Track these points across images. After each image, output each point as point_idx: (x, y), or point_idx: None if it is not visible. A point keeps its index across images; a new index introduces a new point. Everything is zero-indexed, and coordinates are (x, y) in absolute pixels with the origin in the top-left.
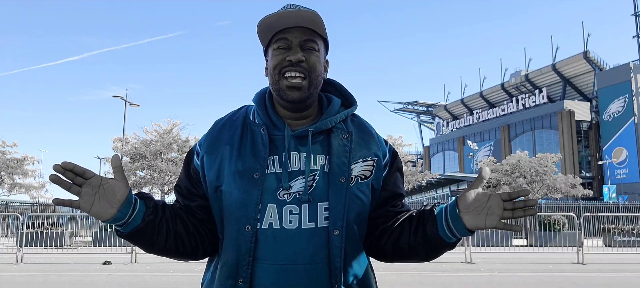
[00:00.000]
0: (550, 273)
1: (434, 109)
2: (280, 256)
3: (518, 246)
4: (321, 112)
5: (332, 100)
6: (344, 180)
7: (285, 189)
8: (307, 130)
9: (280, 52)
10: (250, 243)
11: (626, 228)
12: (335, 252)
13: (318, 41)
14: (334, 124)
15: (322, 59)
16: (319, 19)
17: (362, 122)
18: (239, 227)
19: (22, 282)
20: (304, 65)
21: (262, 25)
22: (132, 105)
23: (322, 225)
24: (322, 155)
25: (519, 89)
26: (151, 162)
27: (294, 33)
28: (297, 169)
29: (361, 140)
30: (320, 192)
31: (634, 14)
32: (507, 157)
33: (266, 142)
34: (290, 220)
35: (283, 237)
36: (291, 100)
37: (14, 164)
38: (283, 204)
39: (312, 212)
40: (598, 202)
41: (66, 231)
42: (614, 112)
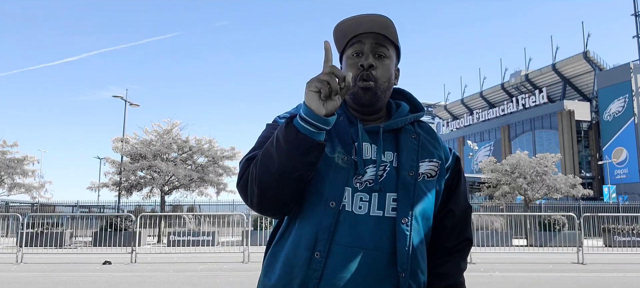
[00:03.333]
0: (550, 273)
1: (434, 108)
2: (350, 239)
3: (518, 246)
4: (390, 115)
5: (400, 105)
6: (412, 174)
7: (358, 176)
8: (378, 126)
9: (354, 60)
10: (333, 219)
11: (626, 228)
12: (402, 241)
13: (390, 47)
14: (403, 124)
15: (392, 65)
16: (391, 25)
17: (428, 127)
18: (324, 202)
19: (22, 282)
20: (374, 72)
21: (338, 30)
22: (132, 105)
23: (390, 215)
24: (391, 152)
25: (519, 89)
26: (151, 162)
27: (367, 39)
28: (369, 158)
29: (428, 142)
30: (390, 183)
31: (634, 14)
32: (507, 157)
33: (348, 133)
34: (360, 206)
35: (353, 220)
36: (362, 102)
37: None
38: (355, 191)
39: (381, 201)
40: (598, 202)
41: (66, 231)
42: (614, 112)
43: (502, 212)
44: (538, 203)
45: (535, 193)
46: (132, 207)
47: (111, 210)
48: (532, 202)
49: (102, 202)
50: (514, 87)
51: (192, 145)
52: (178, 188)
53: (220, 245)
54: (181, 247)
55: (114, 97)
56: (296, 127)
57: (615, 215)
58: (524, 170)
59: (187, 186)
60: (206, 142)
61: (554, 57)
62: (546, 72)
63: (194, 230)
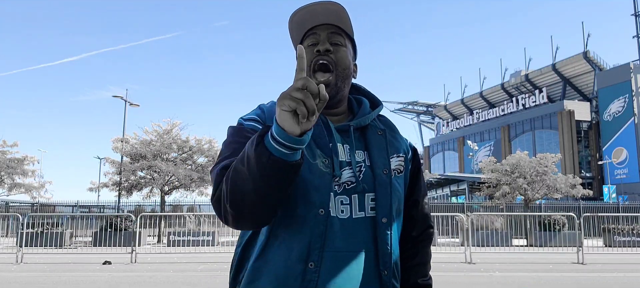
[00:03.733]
0: (550, 273)
1: (434, 109)
2: (338, 243)
3: (518, 246)
4: (352, 111)
5: (362, 101)
6: (387, 172)
7: (336, 179)
8: (348, 124)
9: (310, 49)
10: (323, 227)
11: (626, 228)
12: (384, 239)
13: (345, 38)
14: (370, 121)
15: (349, 55)
16: (346, 16)
17: (388, 121)
18: (314, 210)
19: (22, 282)
20: (331, 56)
21: (293, 22)
22: (132, 105)
23: (370, 215)
24: (361, 150)
25: (519, 89)
26: (151, 162)
27: (322, 29)
28: (344, 160)
29: (392, 137)
30: (367, 182)
31: (634, 14)
32: (507, 157)
33: (322, 135)
34: (342, 210)
35: (338, 225)
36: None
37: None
38: (335, 194)
39: (361, 202)
40: (598, 202)
41: (66, 231)
42: (614, 112)
43: (502, 212)
44: (538, 203)
45: (535, 193)
46: (132, 207)
47: (111, 210)
48: (532, 202)
49: (102, 202)
50: (514, 87)
51: (192, 145)
52: (178, 188)
53: (220, 245)
54: (181, 247)
55: (114, 97)
56: (268, 149)
57: (615, 215)
58: (524, 170)
59: (187, 186)
60: (206, 142)
61: (554, 57)
62: (546, 72)
63: (194, 230)
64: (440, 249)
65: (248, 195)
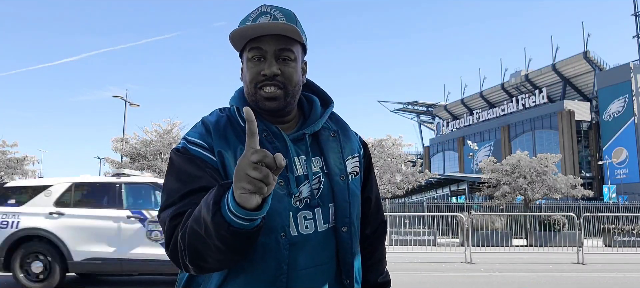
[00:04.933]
0: (550, 273)
1: (434, 109)
2: (305, 261)
3: (518, 246)
4: (302, 113)
5: (313, 101)
6: (343, 178)
7: (295, 196)
8: (303, 133)
9: (255, 64)
10: (285, 251)
11: (626, 228)
12: (346, 249)
13: (294, 48)
14: (322, 125)
15: (299, 65)
16: (294, 25)
17: (340, 119)
18: (275, 235)
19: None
20: (279, 78)
21: (234, 34)
22: (132, 105)
23: (333, 225)
24: (318, 157)
25: (519, 89)
26: (151, 162)
27: (268, 41)
28: (301, 175)
29: (345, 137)
30: (327, 193)
31: (634, 14)
32: (507, 157)
33: (276, 149)
34: (306, 225)
35: (304, 242)
36: (268, 110)
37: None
38: (296, 211)
39: (326, 213)
40: (598, 202)
41: None
42: (614, 112)
43: (502, 212)
44: (538, 204)
45: (535, 193)
46: None
47: None
48: (532, 202)
49: None
50: (514, 87)
51: None
52: None
53: None
54: None
55: (114, 97)
56: (227, 221)
57: (615, 215)
58: (524, 171)
59: None
60: None
61: (554, 57)
62: (546, 72)
63: None
64: (440, 249)
65: (210, 258)
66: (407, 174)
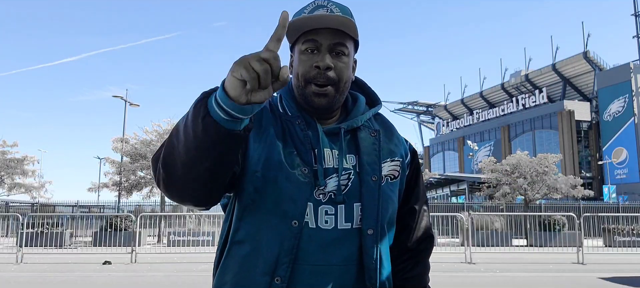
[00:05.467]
0: (550, 273)
1: (434, 109)
2: (315, 257)
3: (518, 246)
4: (346, 110)
5: (357, 99)
6: (376, 179)
7: (320, 188)
8: (338, 127)
9: (308, 57)
10: (295, 240)
11: (626, 228)
12: (369, 253)
13: (348, 44)
14: (362, 122)
15: (351, 62)
16: (351, 19)
17: (385, 121)
18: (286, 221)
19: (22, 282)
20: (331, 73)
21: (291, 25)
22: (132, 105)
23: (358, 226)
24: (352, 154)
25: (519, 89)
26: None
27: (324, 35)
28: (331, 167)
29: (388, 139)
30: (354, 191)
31: (634, 14)
32: (507, 157)
33: (307, 137)
34: (326, 220)
35: (319, 237)
36: (317, 107)
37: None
38: (319, 204)
39: (349, 212)
40: (598, 202)
41: (66, 231)
42: (614, 112)
43: (502, 212)
44: (538, 204)
45: (535, 193)
46: (132, 207)
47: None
48: (532, 202)
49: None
50: (514, 87)
51: None
52: None
53: None
54: (181, 247)
55: (114, 97)
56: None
57: (615, 215)
58: (524, 171)
59: None
60: None
61: (554, 57)
62: (546, 72)
63: (194, 230)
64: (440, 249)
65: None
66: None
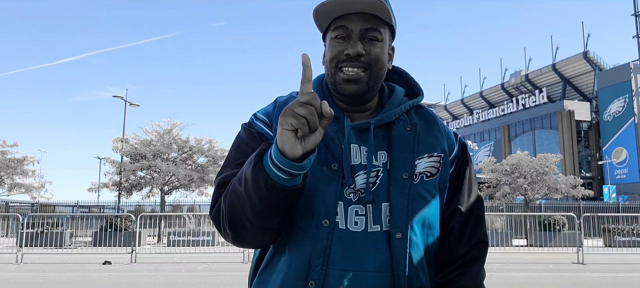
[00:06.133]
0: (550, 273)
1: (434, 109)
2: (347, 261)
3: (518, 246)
4: (382, 103)
5: (394, 90)
6: (407, 177)
7: (349, 186)
8: (368, 122)
9: (339, 43)
10: (327, 241)
11: (626, 228)
12: (399, 259)
13: (382, 29)
14: (397, 116)
15: (386, 48)
16: (384, 2)
17: (427, 113)
18: (316, 221)
19: (22, 282)
20: (363, 59)
21: (319, 10)
22: (132, 105)
23: (387, 229)
24: (384, 151)
25: (519, 89)
26: (151, 162)
27: (354, 20)
28: (358, 163)
29: (426, 132)
30: (383, 190)
31: (634, 14)
32: (507, 157)
33: (335, 133)
34: (356, 221)
35: (349, 239)
36: (348, 94)
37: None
38: (349, 203)
39: (377, 213)
40: (598, 202)
41: (66, 231)
42: (614, 112)
43: (502, 212)
44: (538, 204)
45: (535, 193)
46: (132, 207)
47: (111, 210)
48: (532, 202)
49: (102, 202)
50: (514, 87)
51: (192, 145)
52: (178, 188)
53: (220, 245)
54: (181, 247)
55: (114, 97)
56: (266, 172)
57: (615, 215)
58: (524, 171)
59: (187, 186)
60: (206, 142)
61: (554, 57)
62: (546, 72)
63: (194, 230)
64: None
65: (246, 219)
66: None
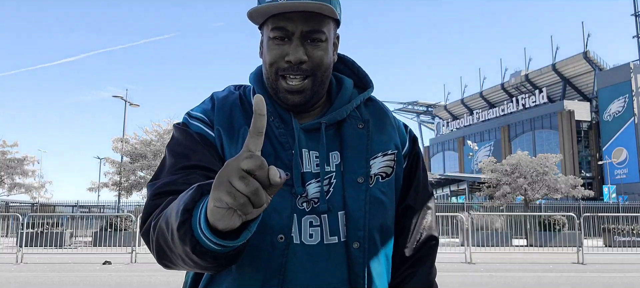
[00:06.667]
0: (550, 273)
1: (434, 109)
2: (304, 279)
3: (518, 246)
4: (330, 98)
5: (343, 83)
6: (362, 181)
7: (301, 196)
8: (319, 122)
9: (277, 46)
10: (283, 258)
11: (626, 228)
12: (357, 271)
13: (326, 27)
14: (348, 113)
15: (330, 46)
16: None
17: (378, 107)
18: (270, 237)
19: (22, 282)
20: (305, 66)
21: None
22: (132, 105)
23: (345, 239)
24: (336, 151)
25: (519, 89)
26: (151, 162)
27: (294, 21)
28: (310, 171)
29: (379, 129)
30: (338, 197)
31: (634, 14)
32: (507, 157)
33: (284, 137)
34: (311, 233)
35: (305, 254)
36: (292, 104)
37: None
38: (302, 214)
39: (334, 223)
40: (598, 202)
41: (66, 231)
42: (614, 112)
43: (502, 212)
44: (538, 203)
45: (535, 193)
46: (132, 207)
47: (111, 210)
48: (532, 202)
49: (102, 202)
50: (514, 87)
51: None
52: None
53: None
54: None
55: (114, 97)
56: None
57: (615, 215)
58: (524, 171)
59: None
60: None
61: (554, 57)
62: (546, 72)
63: None
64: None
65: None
66: None
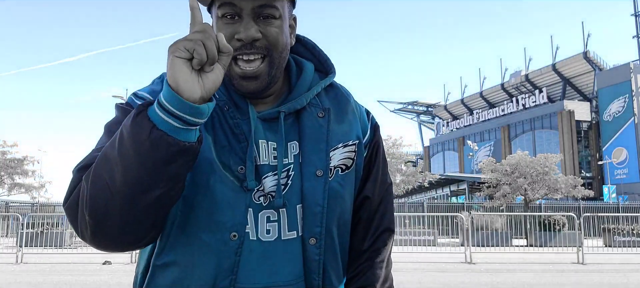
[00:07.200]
0: (550, 273)
1: (434, 109)
2: (259, 276)
3: (518, 246)
4: (289, 83)
5: (303, 68)
6: (321, 174)
7: (258, 190)
8: (277, 111)
9: (227, 24)
10: (236, 257)
11: (626, 228)
12: (313, 268)
13: (278, 3)
14: (308, 101)
15: (286, 25)
16: None
17: (339, 93)
18: (221, 234)
19: (22, 282)
20: (259, 44)
21: None
22: None
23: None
24: (294, 141)
25: (519, 89)
26: None
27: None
28: (267, 163)
29: (340, 118)
30: (296, 190)
31: (634, 14)
32: (507, 157)
33: (239, 127)
34: (268, 229)
35: (262, 251)
36: (247, 91)
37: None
38: (259, 208)
39: (292, 217)
40: (598, 202)
41: (66, 231)
42: (614, 112)
43: (502, 212)
44: (538, 203)
45: (535, 193)
46: None
47: None
48: (532, 202)
49: None
50: (514, 87)
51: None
52: None
53: None
54: None
55: (114, 97)
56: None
57: (615, 215)
58: (524, 171)
59: None
60: None
61: (554, 57)
62: (546, 72)
63: None
64: (440, 249)
65: (116, 192)
66: (408, 175)
